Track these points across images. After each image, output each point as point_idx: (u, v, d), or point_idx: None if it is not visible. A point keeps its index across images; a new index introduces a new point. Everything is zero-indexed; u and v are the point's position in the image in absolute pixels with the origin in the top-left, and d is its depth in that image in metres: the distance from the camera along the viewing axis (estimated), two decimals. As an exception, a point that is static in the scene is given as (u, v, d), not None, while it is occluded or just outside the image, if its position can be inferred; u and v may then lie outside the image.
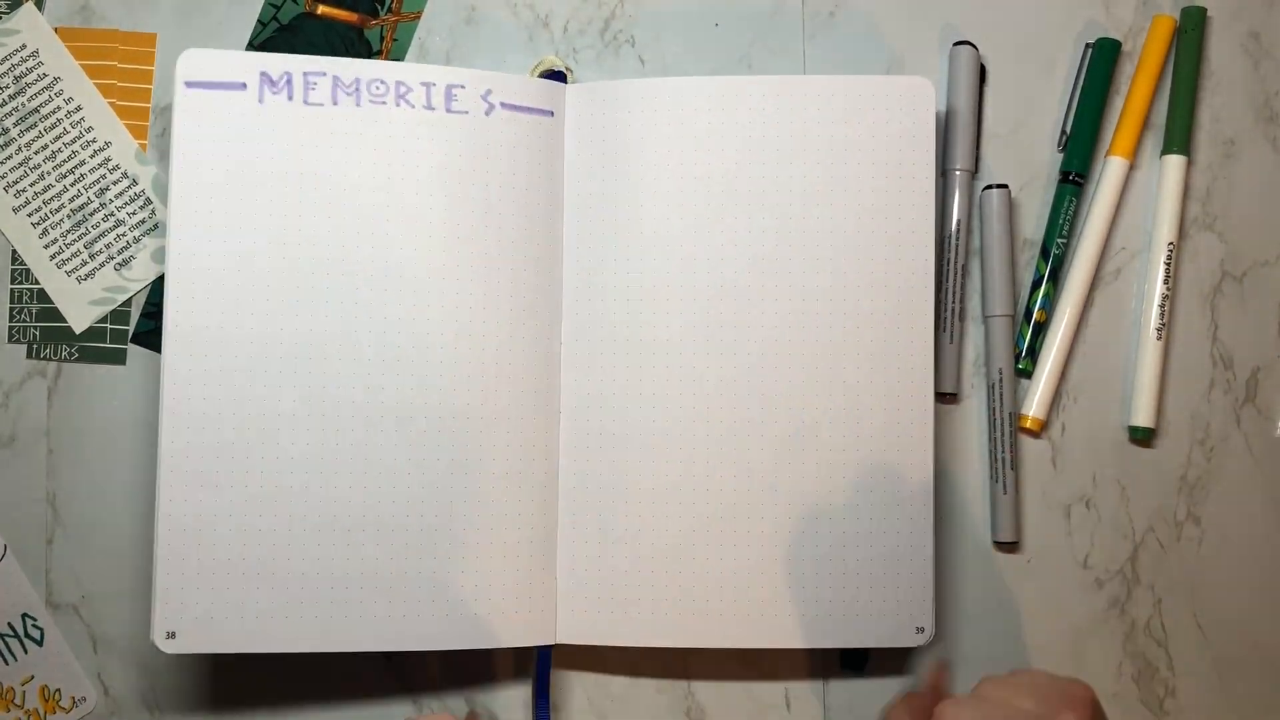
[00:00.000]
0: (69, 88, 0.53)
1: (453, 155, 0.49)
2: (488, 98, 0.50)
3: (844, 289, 0.50)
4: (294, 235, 0.48)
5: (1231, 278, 0.54)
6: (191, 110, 0.48)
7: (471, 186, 0.49)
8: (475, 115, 0.49)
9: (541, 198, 0.50)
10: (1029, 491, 0.53)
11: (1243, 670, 0.53)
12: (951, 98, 0.53)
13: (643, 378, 0.50)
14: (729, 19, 0.54)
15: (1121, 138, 0.53)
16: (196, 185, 0.48)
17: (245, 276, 0.48)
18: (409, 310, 0.49)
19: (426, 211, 0.49)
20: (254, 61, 0.49)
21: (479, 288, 0.49)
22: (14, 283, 0.53)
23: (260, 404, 0.48)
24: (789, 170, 0.50)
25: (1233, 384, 0.54)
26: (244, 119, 0.48)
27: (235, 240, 0.48)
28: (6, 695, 0.52)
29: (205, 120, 0.48)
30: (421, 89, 0.49)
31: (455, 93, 0.50)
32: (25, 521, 0.53)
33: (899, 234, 0.50)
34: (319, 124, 0.49)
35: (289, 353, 0.48)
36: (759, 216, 0.50)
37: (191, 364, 0.48)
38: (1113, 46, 0.53)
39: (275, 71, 0.49)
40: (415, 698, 0.52)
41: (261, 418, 0.48)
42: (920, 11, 0.54)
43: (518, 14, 0.54)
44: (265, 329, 0.48)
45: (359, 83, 0.49)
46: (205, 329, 0.48)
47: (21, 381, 0.53)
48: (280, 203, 0.48)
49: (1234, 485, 0.53)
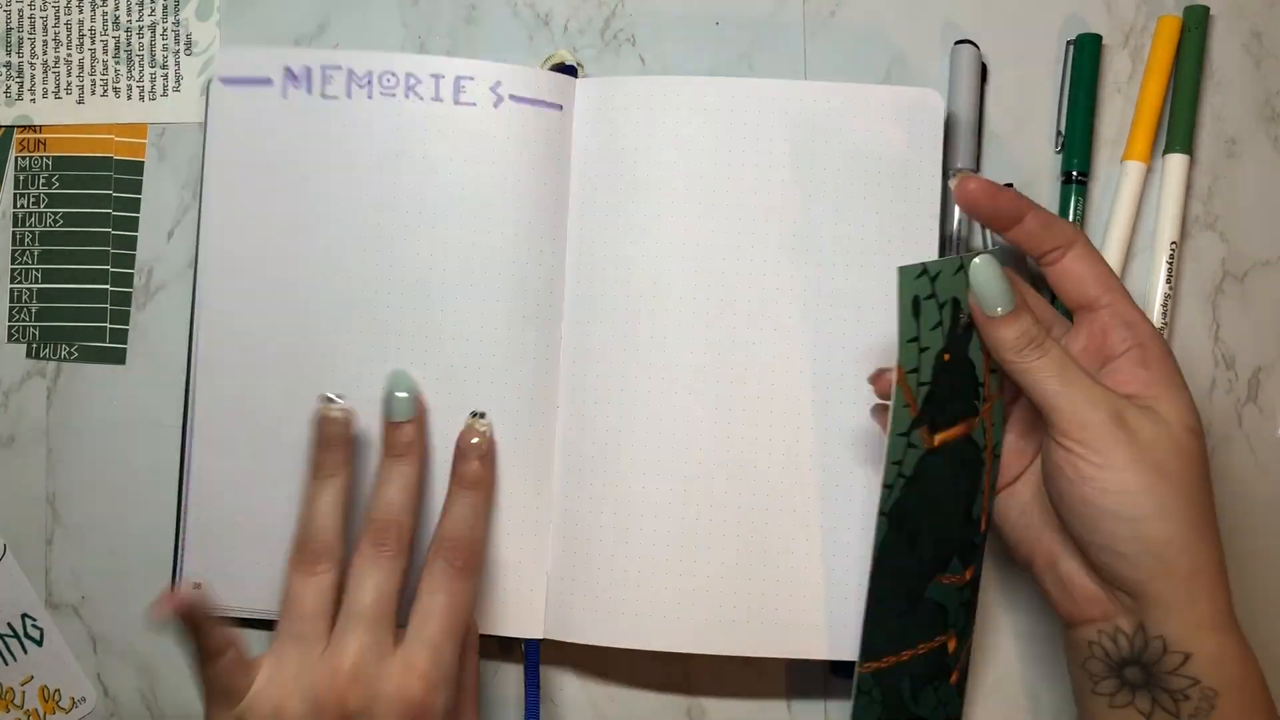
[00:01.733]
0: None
1: (459, 146, 0.49)
2: (496, 89, 0.50)
3: (849, 295, 0.49)
4: (312, 225, 0.50)
5: (1233, 277, 0.54)
6: (222, 106, 0.50)
7: (477, 178, 0.49)
8: (483, 107, 0.50)
9: (547, 191, 0.50)
10: (1030, 491, 0.53)
11: (1244, 670, 0.53)
12: (953, 97, 0.53)
13: (641, 374, 0.49)
14: (729, 18, 0.54)
15: (1136, 141, 0.53)
16: (227, 180, 0.50)
17: (269, 266, 0.50)
18: (412, 301, 0.49)
19: (430, 202, 0.49)
20: (279, 57, 0.50)
21: (479, 280, 0.49)
22: (14, 282, 0.53)
23: (283, 387, 0.49)
24: (796, 175, 0.50)
25: (1234, 384, 0.54)
26: (270, 113, 0.50)
27: (261, 230, 0.50)
28: (6, 696, 0.52)
29: (235, 116, 0.50)
30: (431, 80, 0.50)
31: (464, 84, 0.50)
32: (25, 521, 0.53)
33: (904, 244, 0.49)
34: (334, 116, 0.50)
35: (306, 340, 0.50)
36: (765, 221, 0.50)
37: (222, 349, 0.50)
38: (1094, 41, 0.53)
39: (297, 66, 0.50)
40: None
41: (284, 400, 0.49)
42: (921, 11, 0.54)
43: (518, 13, 0.54)
44: (285, 321, 0.50)
45: (371, 75, 0.50)
46: (233, 315, 0.50)
47: (21, 381, 0.53)
48: (301, 193, 0.50)
49: (1236, 485, 0.53)
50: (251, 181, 0.50)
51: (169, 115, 0.53)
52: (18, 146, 0.53)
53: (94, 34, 0.53)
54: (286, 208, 0.50)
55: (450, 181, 0.49)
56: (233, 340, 0.50)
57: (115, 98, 0.53)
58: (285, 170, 0.50)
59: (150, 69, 0.53)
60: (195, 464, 0.50)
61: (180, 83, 0.53)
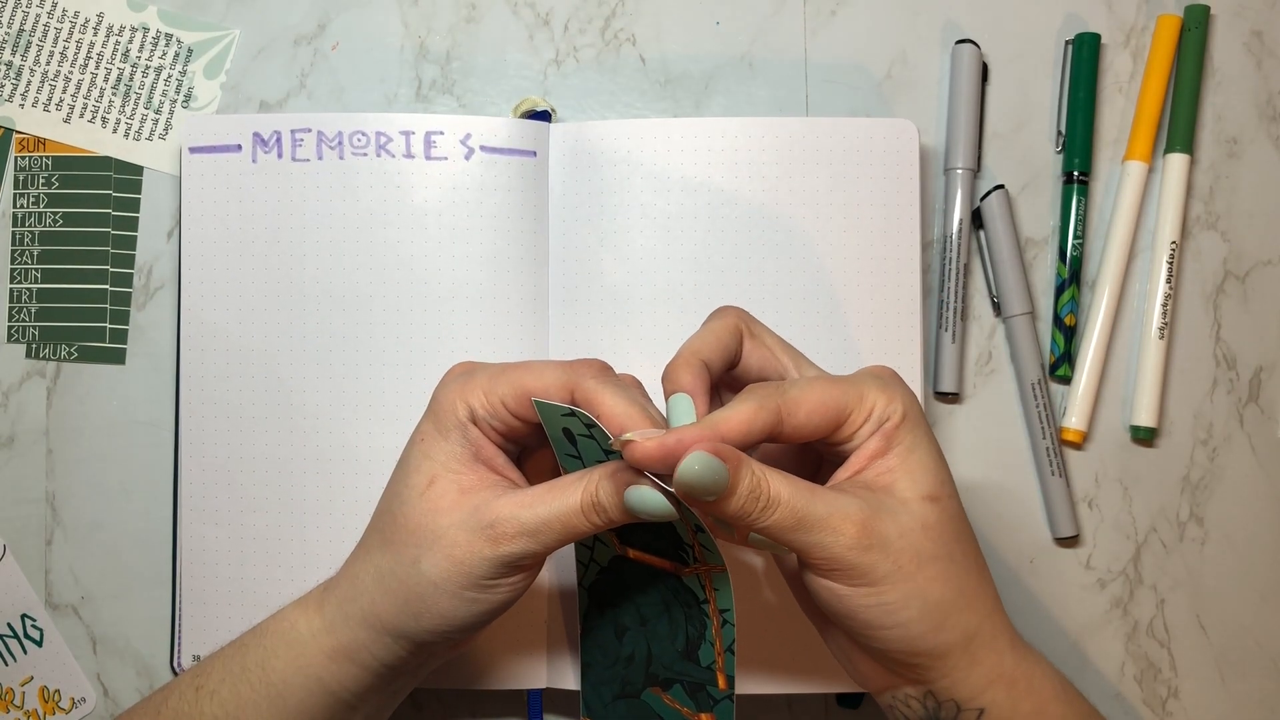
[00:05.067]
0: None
1: (431, 200, 0.50)
2: (467, 142, 0.50)
3: (831, 327, 0.50)
4: (290, 290, 0.50)
5: (1234, 277, 0.54)
6: (194, 174, 0.50)
7: (453, 230, 0.50)
8: (455, 160, 0.50)
9: (525, 238, 0.50)
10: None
11: (1245, 671, 0.53)
12: (953, 97, 0.53)
13: None
14: (729, 18, 0.54)
15: (1138, 142, 0.53)
16: (202, 247, 0.50)
17: (249, 332, 0.50)
18: (394, 357, 0.50)
19: (407, 258, 0.50)
20: (247, 123, 0.51)
21: (460, 329, 0.49)
22: (13, 282, 0.53)
23: (268, 449, 0.50)
24: (775, 211, 0.50)
25: (1235, 384, 0.53)
26: (240, 179, 0.50)
27: (238, 294, 0.50)
28: (6, 696, 0.52)
29: (207, 183, 0.50)
30: (401, 138, 0.50)
31: (434, 139, 0.50)
32: (25, 521, 0.52)
33: (885, 274, 0.50)
34: (307, 179, 0.50)
35: (290, 406, 0.50)
36: (745, 257, 0.50)
37: (205, 410, 0.50)
38: (1093, 40, 0.53)
39: (265, 131, 0.50)
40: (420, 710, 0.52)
41: (272, 462, 0.50)
42: (922, 10, 0.54)
43: (518, 13, 0.54)
44: (265, 381, 0.50)
45: (341, 135, 0.50)
46: (215, 380, 0.50)
47: (21, 381, 0.53)
48: (276, 257, 0.50)
49: (1237, 485, 0.53)
50: (227, 248, 0.50)
51: (148, 160, 0.53)
52: (18, 146, 0.53)
53: (100, 59, 0.53)
54: (264, 273, 0.50)
55: (427, 236, 0.50)
56: (216, 407, 0.50)
57: (101, 127, 0.53)
58: (262, 236, 0.50)
59: (144, 109, 0.53)
60: (185, 532, 0.50)
61: (168, 133, 0.53)
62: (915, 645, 0.38)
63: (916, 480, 0.38)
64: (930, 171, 0.53)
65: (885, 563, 0.37)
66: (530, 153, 0.50)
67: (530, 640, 0.50)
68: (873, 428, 0.38)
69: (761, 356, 0.42)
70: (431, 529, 0.38)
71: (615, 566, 0.43)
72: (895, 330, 0.50)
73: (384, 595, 0.39)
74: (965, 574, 0.38)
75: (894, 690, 0.40)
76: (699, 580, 0.40)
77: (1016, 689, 0.38)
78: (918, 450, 0.38)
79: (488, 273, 0.50)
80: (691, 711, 0.42)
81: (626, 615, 0.43)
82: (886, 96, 0.54)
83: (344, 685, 0.40)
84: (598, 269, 0.50)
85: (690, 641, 0.42)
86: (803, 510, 0.36)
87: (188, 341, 0.50)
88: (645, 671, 0.43)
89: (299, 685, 0.40)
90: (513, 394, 0.39)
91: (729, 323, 0.41)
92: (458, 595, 0.38)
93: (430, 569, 0.38)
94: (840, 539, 0.36)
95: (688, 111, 0.54)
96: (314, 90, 0.54)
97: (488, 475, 0.40)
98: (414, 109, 0.54)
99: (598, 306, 0.50)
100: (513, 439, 0.41)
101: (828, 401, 0.38)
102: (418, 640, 0.40)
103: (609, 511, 0.37)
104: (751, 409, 0.37)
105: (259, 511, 0.50)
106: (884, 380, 0.39)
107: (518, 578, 0.39)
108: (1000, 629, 0.39)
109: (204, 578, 0.50)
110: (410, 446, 0.41)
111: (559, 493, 0.38)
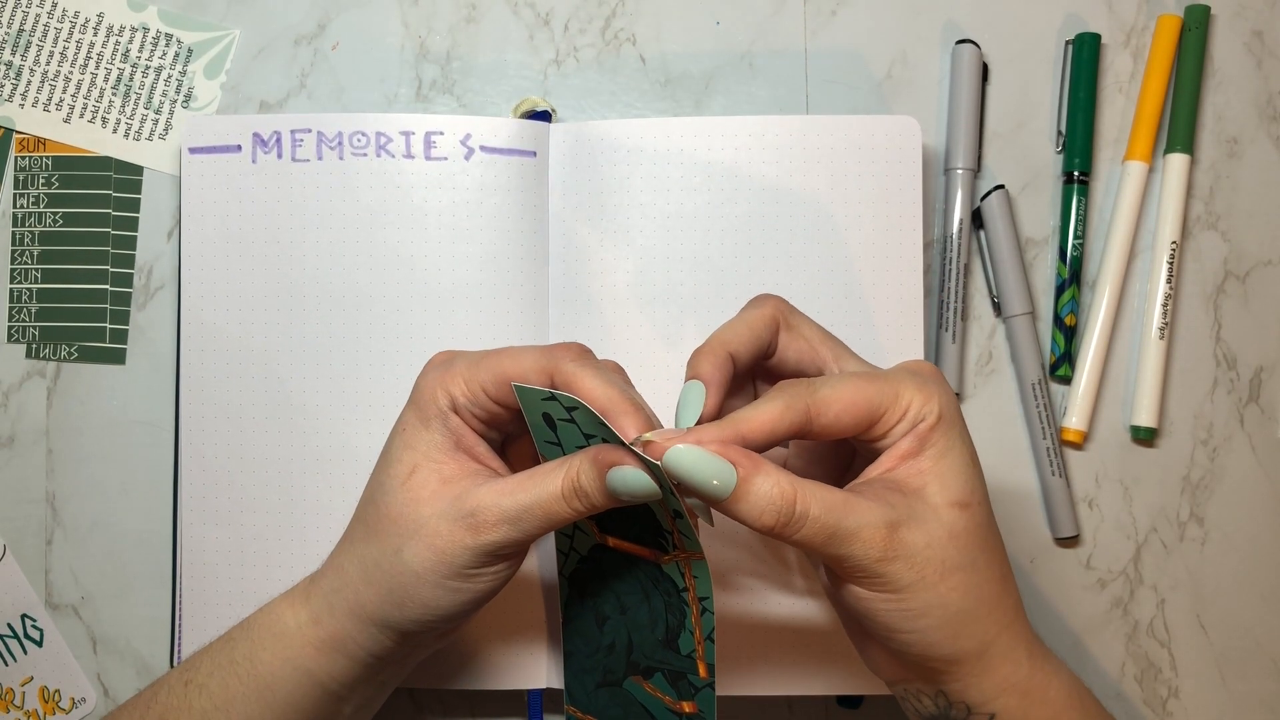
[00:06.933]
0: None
1: (431, 200, 0.50)
2: (467, 142, 0.50)
3: (832, 327, 0.49)
4: (290, 290, 0.50)
5: (1235, 277, 0.54)
6: (194, 174, 0.50)
7: (453, 230, 0.50)
8: (455, 160, 0.50)
9: (525, 238, 0.50)
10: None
11: (1246, 670, 0.53)
12: (954, 97, 0.53)
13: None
14: (729, 18, 0.54)
15: (1138, 142, 0.53)
16: (202, 247, 0.50)
17: (250, 333, 0.50)
18: (394, 358, 0.50)
19: (408, 257, 0.50)
20: (247, 124, 0.50)
21: (460, 329, 0.50)
22: (13, 282, 0.53)
23: (268, 449, 0.50)
24: (777, 209, 0.50)
25: (1236, 384, 0.53)
26: (240, 179, 0.50)
27: (238, 294, 0.50)
28: (6, 696, 0.52)
29: (207, 183, 0.50)
30: (401, 138, 0.50)
31: (434, 139, 0.50)
32: (25, 521, 0.53)
33: (887, 271, 0.50)
34: (307, 179, 0.50)
35: (290, 405, 0.50)
36: (745, 257, 0.50)
37: (205, 410, 0.50)
38: (1093, 40, 0.53)
39: (265, 131, 0.50)
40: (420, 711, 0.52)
41: (272, 462, 0.50)
42: (922, 10, 0.54)
43: (518, 12, 0.54)
44: (265, 381, 0.50)
45: (341, 135, 0.50)
46: (215, 381, 0.50)
47: (21, 381, 0.53)
48: (276, 257, 0.50)
49: (1237, 485, 0.53)
50: (227, 248, 0.50)
51: (148, 160, 0.53)
52: (18, 146, 0.53)
53: (100, 59, 0.53)
54: (264, 273, 0.50)
55: (427, 236, 0.50)
56: (216, 407, 0.50)
57: (101, 127, 0.53)
58: (261, 236, 0.50)
59: (144, 110, 0.53)
60: (185, 532, 0.50)
61: (168, 133, 0.53)
62: (931, 651, 0.38)
63: (947, 485, 0.38)
64: (930, 171, 0.53)
65: (910, 573, 0.37)
66: (530, 153, 0.50)
67: (530, 640, 0.50)
68: (907, 427, 0.38)
69: (799, 349, 0.41)
70: (413, 519, 0.39)
71: (595, 555, 0.43)
72: (897, 329, 0.50)
73: (368, 586, 0.39)
74: (987, 583, 0.38)
75: (907, 683, 0.40)
76: (678, 568, 0.40)
77: (1030, 698, 0.38)
78: (950, 454, 0.38)
79: (488, 273, 0.50)
80: (673, 700, 0.43)
81: (607, 604, 0.43)
82: (886, 96, 0.54)
83: (332, 676, 0.40)
84: (598, 269, 0.50)
85: (670, 630, 0.42)
86: (834, 526, 0.36)
87: (188, 342, 0.50)
88: (626, 660, 0.44)
89: (287, 677, 0.40)
90: (493, 380, 0.39)
91: (764, 313, 0.41)
92: (440, 585, 0.39)
93: (412, 559, 0.38)
94: (870, 551, 0.36)
95: (688, 111, 0.54)
96: (314, 90, 0.54)
97: (469, 464, 0.40)
98: (414, 109, 0.54)
99: (598, 306, 0.50)
100: (495, 426, 0.41)
101: (860, 401, 0.37)
102: (403, 630, 0.40)
103: (591, 496, 0.37)
104: (778, 409, 0.37)
105: (259, 511, 0.50)
106: (923, 378, 0.39)
107: (500, 566, 0.39)
108: (1018, 638, 0.39)
109: (204, 578, 0.50)
110: (393, 436, 0.41)
111: (539, 479, 0.38)
